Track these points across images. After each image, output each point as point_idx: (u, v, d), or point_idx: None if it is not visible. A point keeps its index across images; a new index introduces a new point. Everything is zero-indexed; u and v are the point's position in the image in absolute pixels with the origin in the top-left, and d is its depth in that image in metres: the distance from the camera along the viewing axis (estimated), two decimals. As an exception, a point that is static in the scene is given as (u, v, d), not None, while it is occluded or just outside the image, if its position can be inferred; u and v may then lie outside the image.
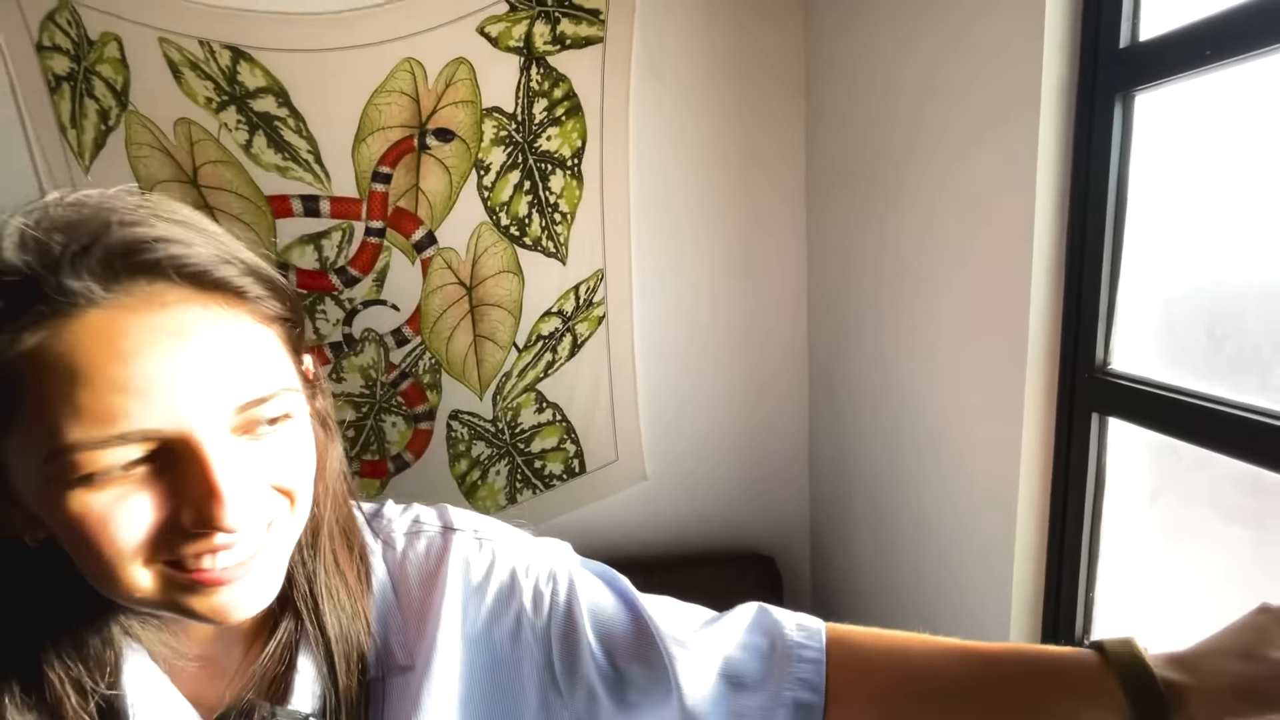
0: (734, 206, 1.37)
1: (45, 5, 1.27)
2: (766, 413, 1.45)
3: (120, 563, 0.31)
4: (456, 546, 0.46)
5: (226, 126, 1.32)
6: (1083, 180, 0.55)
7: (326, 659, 0.39)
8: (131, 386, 0.29)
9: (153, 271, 0.30)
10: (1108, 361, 0.56)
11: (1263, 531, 0.48)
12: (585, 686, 0.45)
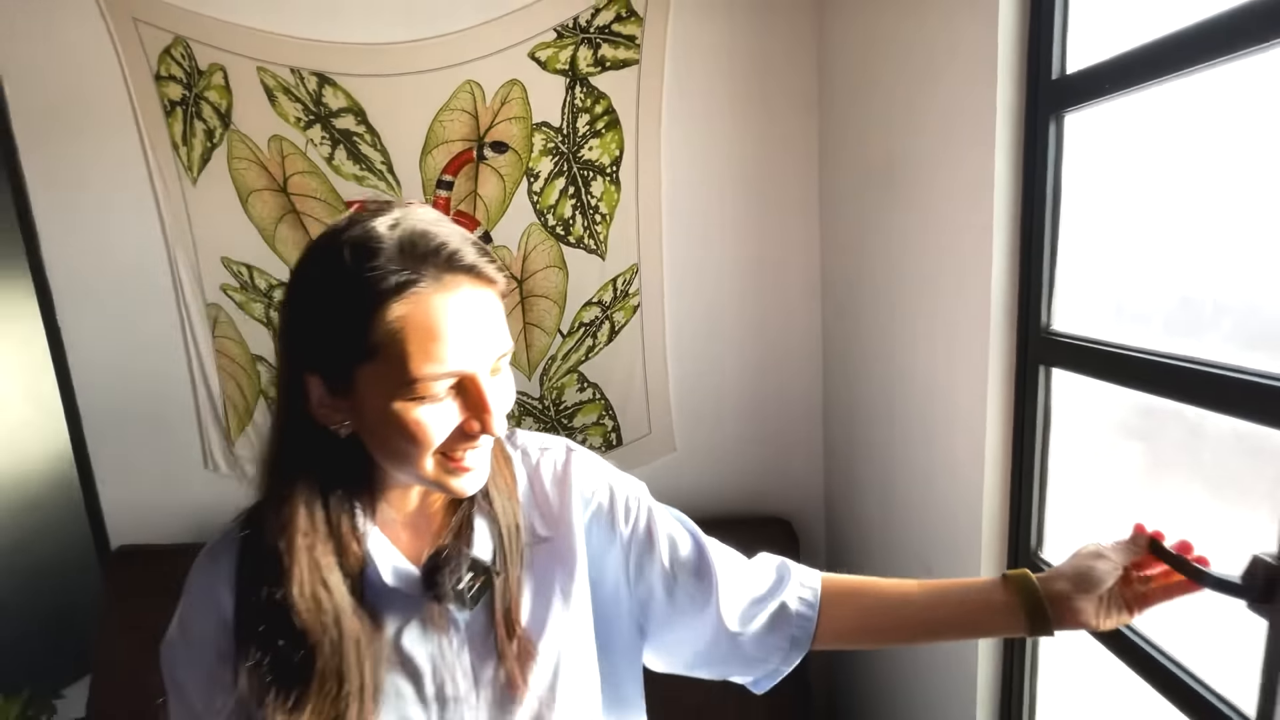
0: (754, 207, 1.54)
1: (163, 41, 1.49)
2: (784, 390, 1.61)
3: (422, 452, 0.48)
4: (576, 463, 0.63)
5: (312, 142, 1.52)
6: (1029, 184, 0.71)
7: (493, 524, 0.56)
8: (456, 343, 0.46)
9: (465, 270, 0.47)
10: (1050, 324, 0.72)
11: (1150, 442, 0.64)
12: (647, 585, 0.62)
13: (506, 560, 0.55)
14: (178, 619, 0.55)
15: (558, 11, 1.45)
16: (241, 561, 0.52)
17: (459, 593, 0.52)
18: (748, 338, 1.60)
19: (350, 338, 0.46)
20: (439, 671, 0.54)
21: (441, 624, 0.54)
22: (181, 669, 0.53)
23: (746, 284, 1.57)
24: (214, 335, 1.63)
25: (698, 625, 0.62)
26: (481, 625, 0.55)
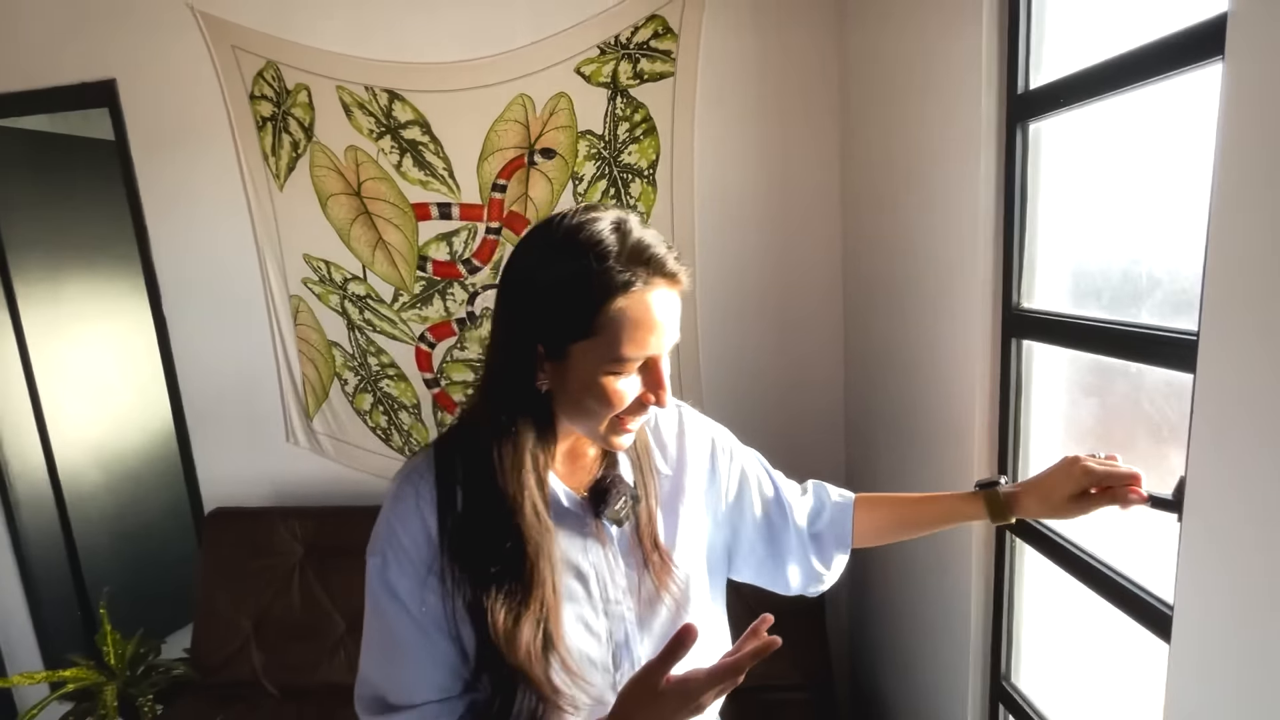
0: (779, 206, 1.67)
1: (256, 65, 1.70)
2: (808, 371, 1.74)
3: (607, 414, 0.60)
4: (687, 418, 0.77)
5: (383, 151, 1.72)
6: (1008, 183, 0.84)
7: (634, 463, 0.69)
8: (656, 333, 0.58)
9: (668, 276, 0.58)
10: (1020, 302, 0.85)
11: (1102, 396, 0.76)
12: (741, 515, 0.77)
13: (646, 490, 0.68)
14: (385, 535, 0.63)
15: (601, 30, 1.61)
16: (440, 486, 0.63)
17: (615, 512, 0.64)
18: (774, 325, 1.73)
19: (579, 320, 0.57)
20: (602, 577, 0.65)
21: (602, 539, 0.66)
22: (394, 575, 0.61)
23: (772, 275, 1.71)
24: (295, 324, 1.84)
25: (777, 549, 0.77)
26: (629, 542, 0.67)
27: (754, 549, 0.77)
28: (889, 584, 1.51)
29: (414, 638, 0.62)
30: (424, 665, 0.62)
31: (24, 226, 2.10)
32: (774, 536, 0.77)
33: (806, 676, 1.56)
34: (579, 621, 0.64)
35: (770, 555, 0.78)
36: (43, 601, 2.08)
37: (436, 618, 0.61)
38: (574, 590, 0.64)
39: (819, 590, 0.81)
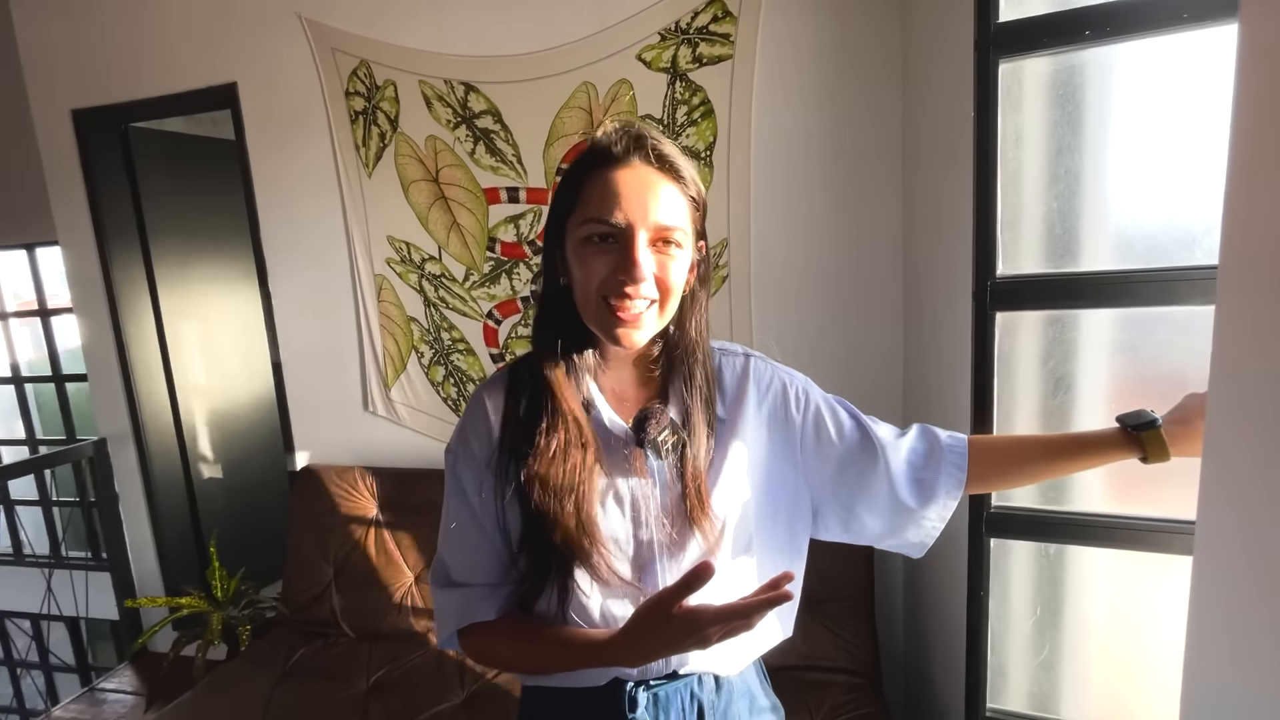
0: (838, 185, 1.66)
1: (350, 64, 1.88)
2: (865, 358, 1.71)
3: (589, 288, 0.63)
4: (753, 365, 0.75)
5: (459, 139, 1.85)
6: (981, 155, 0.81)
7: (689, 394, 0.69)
8: (622, 201, 0.61)
9: (652, 156, 0.63)
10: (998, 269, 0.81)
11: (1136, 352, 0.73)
12: (822, 461, 0.74)
13: (693, 430, 0.68)
14: (458, 435, 0.72)
15: (662, 17, 1.66)
16: (508, 396, 0.70)
17: (656, 443, 0.66)
18: (830, 304, 1.72)
19: (568, 197, 0.65)
20: (637, 502, 0.68)
21: (641, 469, 0.68)
22: (460, 467, 0.70)
23: (829, 254, 1.69)
24: (379, 300, 2.02)
25: (870, 494, 0.74)
26: (671, 478, 0.68)
27: (838, 497, 0.74)
28: (940, 570, 1.47)
29: (471, 525, 0.70)
30: (478, 552, 0.70)
31: (162, 217, 2.41)
32: (863, 482, 0.73)
33: (852, 660, 1.54)
34: (611, 536, 0.68)
35: (859, 503, 0.74)
36: (166, 539, 2.38)
37: (490, 509, 0.69)
38: (610, 509, 0.68)
39: (923, 546, 0.76)
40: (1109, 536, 0.77)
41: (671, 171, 0.64)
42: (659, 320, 0.66)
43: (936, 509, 0.73)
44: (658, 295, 0.64)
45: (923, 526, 0.74)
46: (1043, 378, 0.79)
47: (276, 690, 1.58)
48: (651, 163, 0.63)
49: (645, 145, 0.63)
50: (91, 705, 2.16)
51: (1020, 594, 0.83)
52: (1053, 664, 0.83)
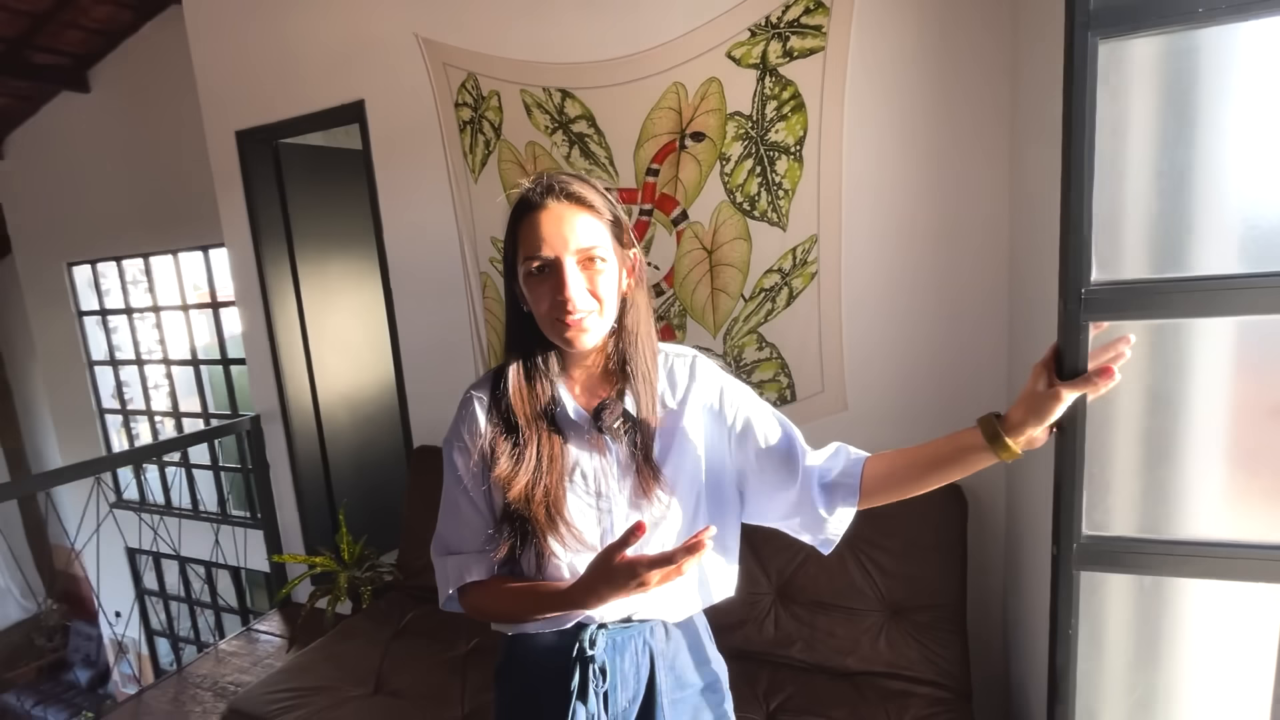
0: (937, 176, 1.57)
1: (460, 77, 2.03)
2: (964, 354, 1.61)
3: (539, 311, 0.77)
4: (699, 365, 0.88)
5: (555, 144, 1.94)
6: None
7: (637, 394, 0.81)
8: (545, 237, 0.74)
9: (556, 193, 0.76)
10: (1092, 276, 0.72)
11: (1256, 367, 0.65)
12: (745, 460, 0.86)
13: (644, 417, 0.81)
14: (452, 428, 0.86)
15: (752, 13, 1.65)
16: (491, 395, 0.84)
17: (614, 429, 0.79)
18: (927, 305, 1.64)
19: (511, 240, 0.79)
20: (598, 478, 0.82)
21: (601, 449, 0.82)
22: (455, 454, 0.84)
23: (926, 252, 1.61)
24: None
25: (783, 494, 0.85)
26: (626, 456, 0.82)
27: (760, 489, 0.86)
28: (1032, 595, 1.37)
29: (464, 503, 0.84)
30: (470, 525, 0.84)
31: (304, 221, 2.73)
32: (780, 479, 0.84)
33: (939, 673, 1.48)
34: (577, 505, 0.81)
35: (773, 499, 0.85)
36: (306, 505, 2.72)
37: (478, 489, 0.82)
38: (576, 482, 0.82)
39: (829, 544, 0.86)
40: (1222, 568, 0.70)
41: (582, 203, 0.77)
42: (601, 322, 0.78)
43: (835, 519, 0.83)
44: (595, 304, 0.77)
45: (825, 530, 0.84)
46: (1141, 395, 0.73)
47: (392, 645, 1.77)
48: (564, 201, 0.76)
49: (555, 189, 0.76)
50: (248, 643, 2.53)
51: (1114, 631, 0.78)
52: (1147, 704, 0.77)
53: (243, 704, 1.61)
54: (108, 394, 4.51)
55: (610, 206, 0.80)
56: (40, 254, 4.47)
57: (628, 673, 0.85)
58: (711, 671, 0.92)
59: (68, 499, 5.23)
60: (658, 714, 0.85)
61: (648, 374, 0.83)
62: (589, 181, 0.80)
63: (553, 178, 0.77)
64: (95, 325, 4.43)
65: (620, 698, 0.84)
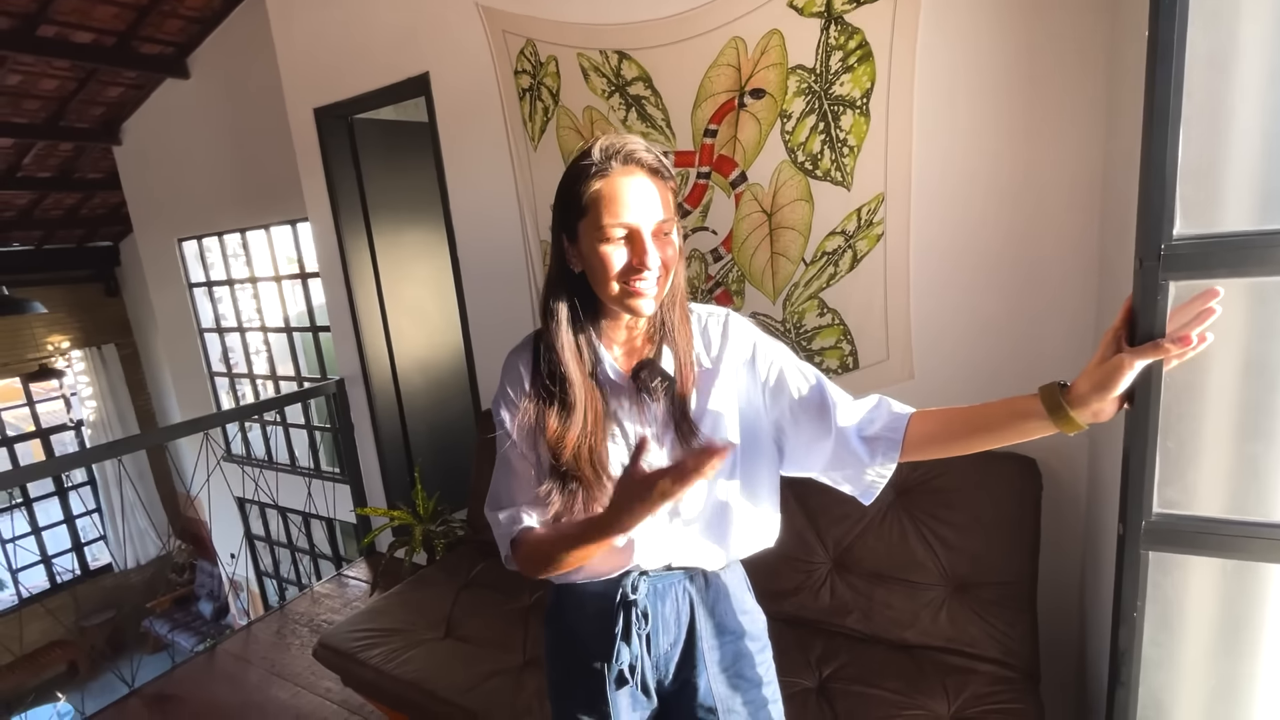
0: (1019, 128, 1.44)
1: (518, 44, 2.03)
2: (1045, 322, 1.50)
3: (608, 276, 0.78)
4: (733, 323, 0.90)
5: (613, 108, 1.92)
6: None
7: (674, 354, 0.84)
8: (626, 206, 0.76)
9: (636, 163, 0.77)
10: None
11: None
12: (780, 414, 0.87)
13: (682, 376, 0.84)
14: (500, 389, 0.90)
15: (816, -44, 1.55)
16: (534, 354, 0.87)
17: (651, 388, 0.82)
18: (1004, 269, 1.53)
19: (575, 203, 0.78)
20: (638, 434, 0.84)
21: (641, 408, 0.84)
22: (502, 412, 0.89)
23: (1005, 211, 1.50)
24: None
25: (820, 444, 0.85)
26: (665, 414, 0.84)
27: (797, 440, 0.87)
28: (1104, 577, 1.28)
29: (515, 459, 0.87)
30: (520, 479, 0.87)
31: (379, 195, 2.85)
32: (815, 430, 0.84)
33: (1004, 651, 1.42)
34: (618, 460, 0.84)
35: (813, 448, 0.85)
36: (387, 464, 2.91)
37: (528, 446, 0.86)
38: (618, 440, 0.85)
39: (870, 496, 0.86)
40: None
41: (660, 176, 0.78)
42: (662, 291, 0.81)
43: (875, 471, 0.83)
44: (663, 274, 0.79)
45: (864, 480, 0.84)
46: (1235, 361, 0.65)
47: (461, 594, 1.89)
48: (646, 171, 0.77)
49: (636, 157, 0.77)
50: (339, 586, 2.76)
51: (1192, 615, 0.72)
52: (1224, 694, 0.71)
53: (331, 639, 1.77)
54: (216, 358, 4.95)
55: (672, 175, 0.81)
56: (156, 231, 4.91)
57: (668, 617, 0.89)
58: (751, 620, 0.95)
59: (187, 452, 5.83)
60: (698, 658, 0.90)
61: (685, 335, 0.85)
62: (659, 151, 0.80)
63: (634, 145, 0.77)
64: (203, 295, 4.85)
65: (662, 641, 0.89)
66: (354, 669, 1.68)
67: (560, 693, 0.97)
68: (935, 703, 1.34)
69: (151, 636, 6.21)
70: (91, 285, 6.44)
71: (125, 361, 6.55)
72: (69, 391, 6.40)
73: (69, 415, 6.43)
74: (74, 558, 6.45)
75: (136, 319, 6.61)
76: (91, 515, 6.57)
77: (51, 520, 6.33)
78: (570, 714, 0.94)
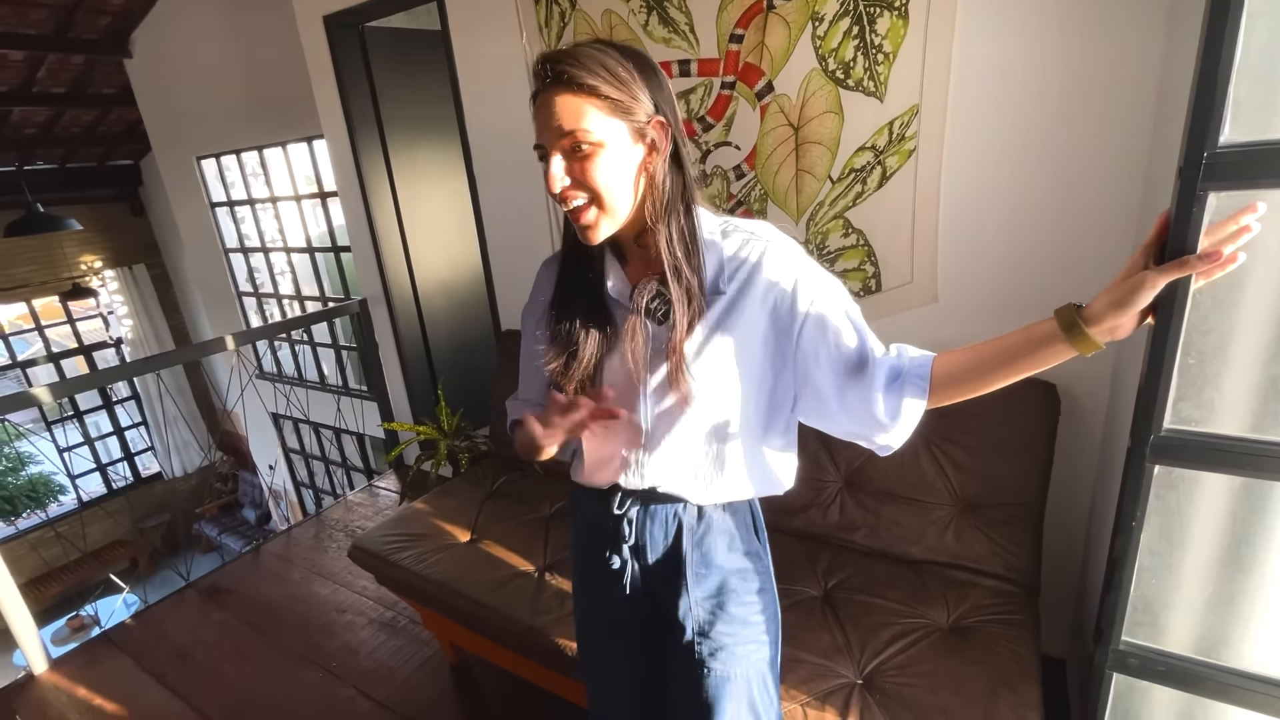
0: (1073, 28, 1.33)
1: (534, -60, 1.90)
2: (1082, 246, 1.44)
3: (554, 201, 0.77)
4: (770, 253, 0.81)
5: (633, 11, 1.81)
6: None
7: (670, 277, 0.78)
8: (540, 122, 0.74)
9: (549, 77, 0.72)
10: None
11: None
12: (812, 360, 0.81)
13: (682, 303, 0.79)
14: (530, 297, 0.94)
15: None
16: (560, 268, 0.89)
17: (650, 309, 0.80)
18: (1042, 188, 1.45)
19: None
20: (635, 354, 0.81)
21: (640, 329, 0.81)
22: (526, 319, 0.95)
23: (1049, 127, 1.41)
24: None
25: (848, 400, 0.81)
26: (663, 341, 0.81)
27: (820, 394, 0.82)
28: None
29: (528, 362, 0.95)
30: (536, 377, 0.93)
31: (393, 108, 2.77)
32: (846, 389, 0.80)
33: (1006, 567, 1.47)
34: (610, 381, 0.86)
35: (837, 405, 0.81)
36: (412, 382, 2.99)
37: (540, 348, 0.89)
38: (615, 356, 0.85)
39: (887, 449, 0.83)
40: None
41: (570, 85, 0.71)
42: (607, 215, 0.76)
43: (901, 423, 0.79)
44: (584, 195, 0.74)
45: (888, 433, 0.80)
46: (1268, 278, 0.63)
47: (485, 504, 1.98)
48: (552, 83, 0.71)
49: (544, 71, 0.72)
50: (370, 496, 2.91)
51: (1196, 528, 0.73)
52: (1218, 604, 0.73)
53: (364, 543, 1.89)
54: (242, 279, 5.03)
55: (610, 84, 0.72)
56: (174, 148, 4.87)
57: (656, 537, 0.92)
58: (744, 559, 0.93)
59: (222, 369, 6.04)
60: (683, 580, 0.91)
61: (677, 259, 0.77)
62: (586, 54, 0.72)
63: (545, 57, 0.73)
64: (225, 215, 4.87)
65: (649, 555, 0.93)
66: (387, 569, 1.80)
67: (576, 581, 1.06)
68: (935, 612, 1.40)
69: (203, 538, 6.70)
70: (116, 205, 6.49)
71: (156, 281, 6.70)
72: (106, 310, 6.60)
73: (108, 333, 6.66)
74: (125, 466, 6.87)
75: (163, 239, 6.69)
76: (139, 428, 6.93)
77: (102, 432, 6.71)
78: (583, 597, 1.05)
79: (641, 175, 0.77)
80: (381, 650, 2.03)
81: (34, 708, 1.92)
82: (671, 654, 0.94)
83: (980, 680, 1.20)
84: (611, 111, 0.72)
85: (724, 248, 0.82)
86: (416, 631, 2.08)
